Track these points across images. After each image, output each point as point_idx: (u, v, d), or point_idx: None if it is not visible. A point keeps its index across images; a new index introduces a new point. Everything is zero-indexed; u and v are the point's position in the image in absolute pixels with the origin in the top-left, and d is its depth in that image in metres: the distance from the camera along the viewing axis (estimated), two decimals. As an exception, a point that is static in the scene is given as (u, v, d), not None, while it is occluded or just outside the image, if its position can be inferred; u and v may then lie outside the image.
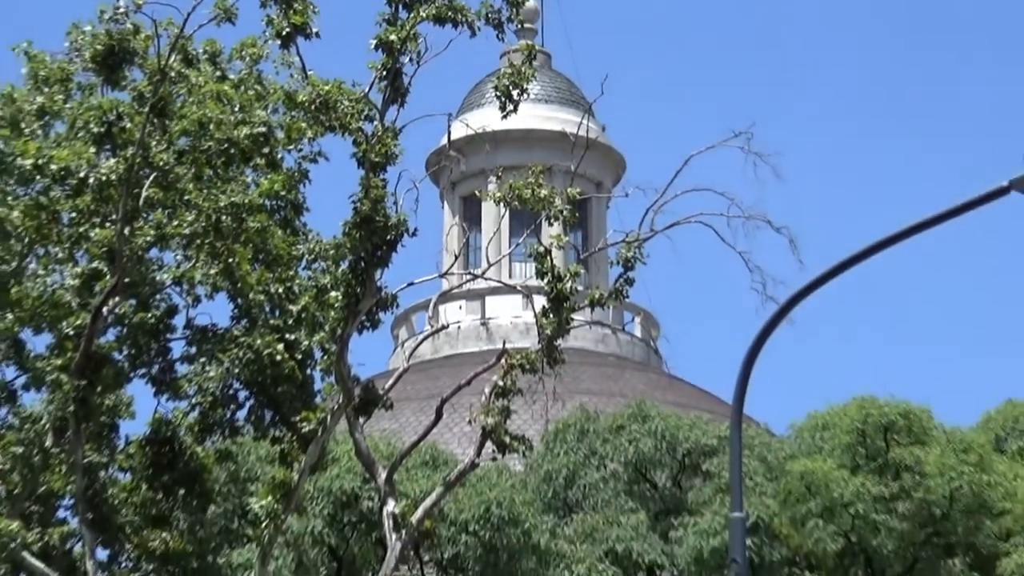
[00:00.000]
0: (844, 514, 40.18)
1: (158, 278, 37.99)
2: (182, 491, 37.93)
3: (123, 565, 38.53)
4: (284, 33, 35.67)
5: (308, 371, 37.73)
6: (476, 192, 67.92)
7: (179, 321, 38.46)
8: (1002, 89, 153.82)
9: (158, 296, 38.13)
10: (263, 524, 36.87)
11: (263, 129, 36.16)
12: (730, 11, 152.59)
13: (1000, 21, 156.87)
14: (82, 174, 35.66)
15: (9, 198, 34.09)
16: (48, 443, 37.57)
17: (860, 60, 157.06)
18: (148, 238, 36.80)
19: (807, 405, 51.63)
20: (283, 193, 36.95)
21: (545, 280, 37.52)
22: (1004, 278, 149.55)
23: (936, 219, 26.11)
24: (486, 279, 51.47)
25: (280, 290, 37.13)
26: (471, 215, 71.72)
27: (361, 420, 37.63)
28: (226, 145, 35.81)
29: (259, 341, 37.40)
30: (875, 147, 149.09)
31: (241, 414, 38.63)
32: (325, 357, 37.30)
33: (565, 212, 38.60)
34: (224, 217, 36.16)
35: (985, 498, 40.87)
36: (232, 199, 36.15)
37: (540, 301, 37.87)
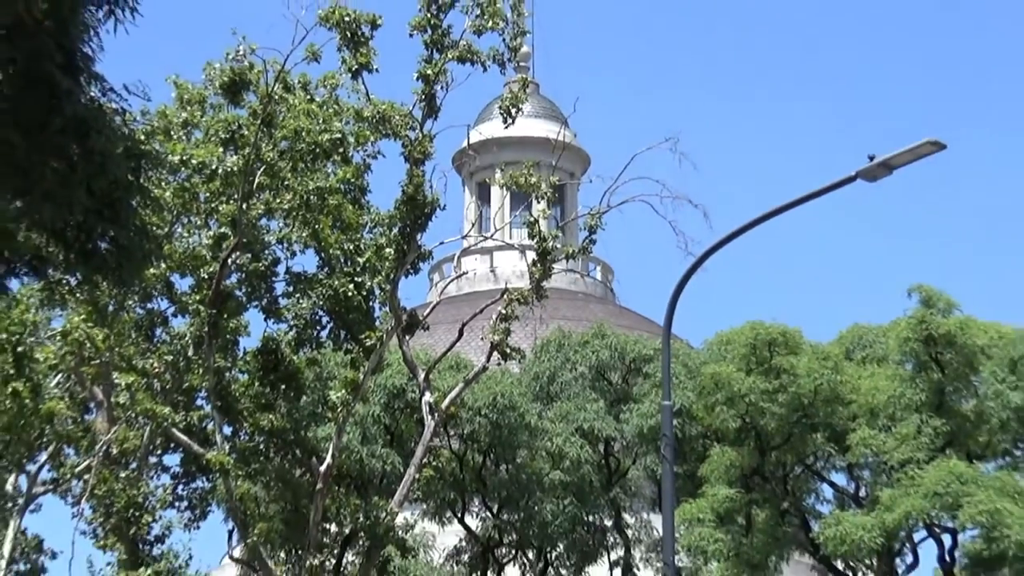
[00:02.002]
0: (740, 403, 40.09)
1: (266, 239, 37.99)
2: (283, 386, 37.96)
3: (242, 438, 38.56)
4: (354, 69, 35.69)
5: (370, 303, 37.82)
6: (486, 180, 68.14)
7: (280, 268, 38.55)
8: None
9: (266, 251, 38.11)
10: (338, 409, 36.94)
11: (339, 136, 36.18)
12: (665, 41, 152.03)
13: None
14: (213, 167, 35.65)
15: (162, 183, 34.09)
16: (190, 353, 37.57)
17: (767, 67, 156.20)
18: (259, 211, 36.85)
19: (716, 327, 51.50)
20: (353, 180, 37.02)
21: (534, 240, 37.52)
22: (854, 239, 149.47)
23: (799, 200, 26.23)
24: (493, 240, 51.55)
25: (350, 247, 37.19)
26: (483, 196, 71.59)
27: (407, 337, 37.67)
28: (313, 147, 35.82)
29: (336, 283, 37.52)
30: (777, 143, 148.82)
31: (324, 333, 38.75)
32: (382, 294, 37.34)
33: (548, 194, 38.70)
34: (312, 197, 36.23)
35: (838, 391, 40.81)
36: (317, 184, 36.18)
37: (531, 255, 37.94)
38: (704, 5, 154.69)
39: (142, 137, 20.03)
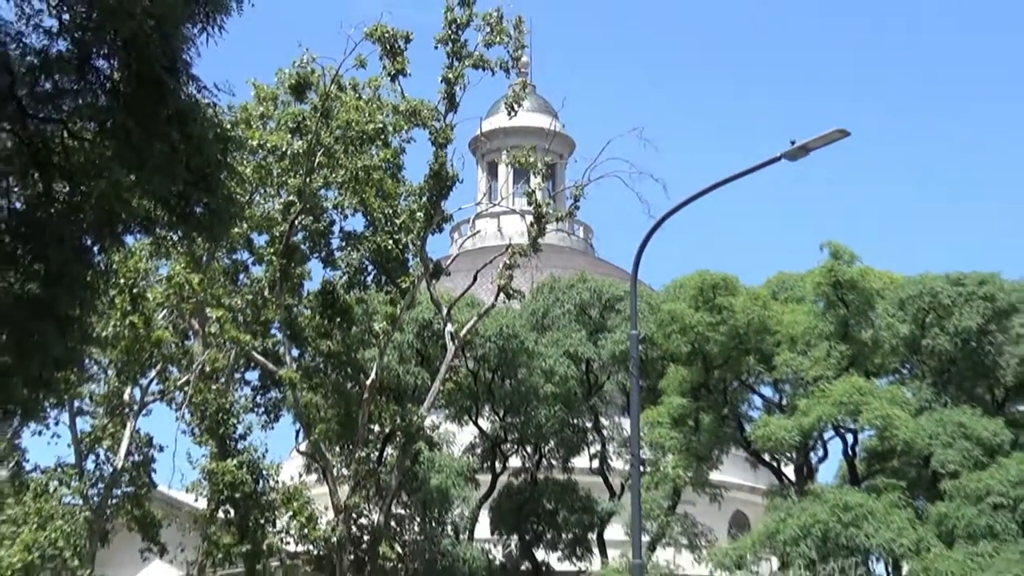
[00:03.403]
0: (690, 332, 40.04)
1: (324, 205, 38.01)
2: (338, 319, 38.00)
3: (305, 359, 38.65)
4: (392, 74, 35.66)
5: (405, 255, 37.86)
6: (495, 159, 68.04)
7: (336, 228, 38.58)
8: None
9: (324, 215, 38.13)
10: (380, 337, 36.99)
11: (380, 125, 36.12)
12: (636, 47, 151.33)
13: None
14: (283, 149, 35.59)
15: (244, 162, 34.07)
16: (266, 293, 37.63)
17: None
18: (319, 184, 36.81)
19: (672, 274, 51.59)
20: (391, 160, 37.03)
21: (532, 207, 37.50)
22: (780, 204, 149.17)
23: (736, 176, 25.96)
24: (500, 207, 51.49)
25: (389, 212, 37.19)
26: (492, 172, 71.30)
27: (433, 281, 37.70)
28: (361, 134, 35.77)
29: (379, 239, 37.58)
30: (727, 126, 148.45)
31: (369, 278, 38.80)
32: (414, 248, 37.37)
33: (542, 171, 38.71)
34: (360, 172, 36.21)
35: (766, 324, 40.79)
36: (364, 163, 36.15)
37: (529, 218, 37.93)
38: (673, 17, 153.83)
39: (228, 126, 20.06)
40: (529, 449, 45.42)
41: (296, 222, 36.62)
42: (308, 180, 35.87)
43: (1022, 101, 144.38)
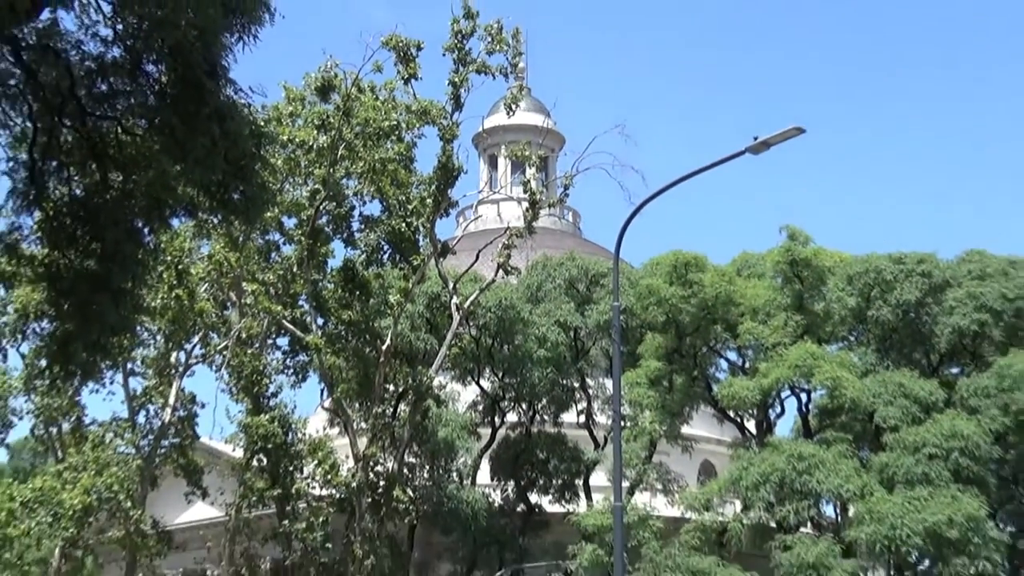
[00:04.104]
0: (665, 304, 39.82)
1: (345, 192, 37.92)
2: (357, 292, 37.96)
3: (329, 327, 38.61)
4: (404, 78, 35.54)
5: (416, 236, 37.75)
6: (495, 153, 67.78)
7: (356, 213, 38.48)
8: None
9: (345, 201, 38.04)
10: (395, 308, 37.04)
11: (395, 123, 35.97)
12: (618, 50, 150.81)
13: None
14: (310, 143, 35.53)
15: (275, 154, 33.97)
16: (294, 269, 37.61)
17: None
18: (341, 174, 36.73)
19: (650, 253, 51.45)
20: (404, 153, 36.80)
21: (527, 195, 37.49)
22: (745, 191, 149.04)
23: (705, 168, 25.77)
24: (499, 194, 51.53)
25: (403, 198, 37.08)
26: (492, 164, 70.82)
27: (441, 259, 37.69)
28: (377, 130, 35.67)
29: (393, 222, 37.49)
30: (702, 118, 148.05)
31: (385, 256, 38.71)
32: (424, 230, 37.32)
33: (536, 163, 38.85)
34: (377, 164, 36.12)
35: (731, 297, 40.69)
36: (380, 155, 36.05)
37: (524, 204, 37.85)
38: (657, 20, 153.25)
39: (261, 123, 19.98)
40: (524, 406, 45.42)
41: (321, 207, 36.61)
42: (331, 171, 35.84)
43: (959, 91, 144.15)
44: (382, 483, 37.39)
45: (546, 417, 45.63)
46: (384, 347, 36.88)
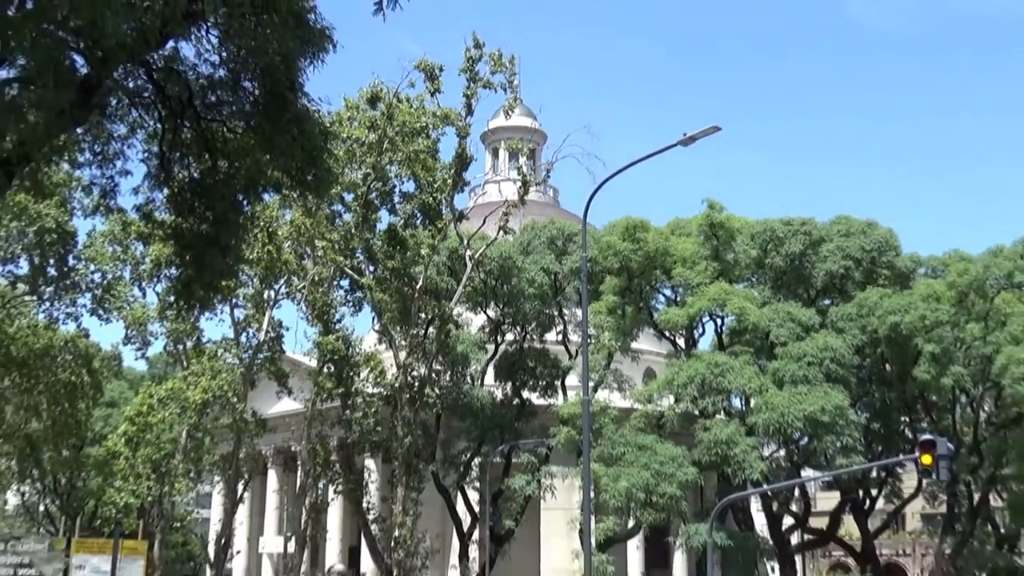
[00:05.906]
0: (620, 255, 39.29)
1: (389, 175, 37.44)
2: (398, 247, 37.41)
3: (378, 272, 38.24)
4: (431, 91, 35.17)
5: (440, 207, 37.43)
6: (497, 146, 67.19)
7: (396, 189, 38.06)
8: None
9: (389, 181, 37.56)
10: (425, 258, 36.92)
11: (424, 124, 35.62)
12: (589, 61, 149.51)
13: None
14: (363, 139, 35.17)
15: (338, 148, 33.47)
16: (352, 231, 37.15)
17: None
18: (385, 161, 36.29)
19: (609, 218, 51.10)
20: (431, 146, 36.46)
21: (520, 176, 37.24)
22: (680, 170, 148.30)
23: (648, 156, 25.16)
24: (500, 176, 51.16)
25: (431, 179, 36.76)
26: (495, 154, 70.42)
27: (458, 223, 37.52)
28: (412, 130, 35.34)
29: (423, 196, 37.11)
30: (660, 112, 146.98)
31: (418, 221, 38.29)
32: (446, 202, 37.09)
33: (526, 154, 38.51)
34: (411, 154, 35.78)
35: (668, 250, 40.18)
36: (414, 148, 35.68)
37: (518, 183, 37.64)
38: (633, 30, 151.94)
39: (327, 124, 19.76)
40: (518, 328, 45.38)
41: (371, 186, 36.36)
42: (378, 159, 35.56)
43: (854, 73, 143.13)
44: (416, 384, 37.52)
45: (534, 336, 45.62)
46: (418, 287, 36.82)
